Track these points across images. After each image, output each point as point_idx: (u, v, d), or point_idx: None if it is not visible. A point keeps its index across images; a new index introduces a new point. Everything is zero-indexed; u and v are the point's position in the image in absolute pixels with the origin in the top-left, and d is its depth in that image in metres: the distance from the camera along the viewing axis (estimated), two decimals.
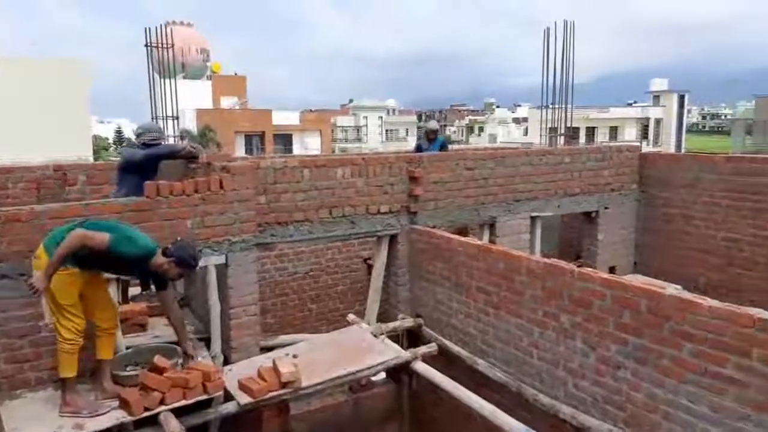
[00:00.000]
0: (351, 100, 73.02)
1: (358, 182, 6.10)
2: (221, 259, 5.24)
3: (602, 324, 4.27)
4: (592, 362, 4.37)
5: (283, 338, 6.29)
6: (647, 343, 3.96)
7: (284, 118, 39.97)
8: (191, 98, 33.91)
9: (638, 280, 6.15)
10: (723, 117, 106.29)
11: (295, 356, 5.26)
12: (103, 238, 4.05)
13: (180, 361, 4.66)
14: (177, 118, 13.42)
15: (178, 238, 4.59)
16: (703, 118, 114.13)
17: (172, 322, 4.77)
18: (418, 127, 71.80)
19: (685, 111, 51.02)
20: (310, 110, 49.37)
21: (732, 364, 3.52)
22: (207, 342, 5.47)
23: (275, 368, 4.82)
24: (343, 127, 62.81)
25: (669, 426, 3.87)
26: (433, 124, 9.97)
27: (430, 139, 9.30)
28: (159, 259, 4.30)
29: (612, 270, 8.02)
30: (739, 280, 7.27)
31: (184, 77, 37.72)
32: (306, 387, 4.87)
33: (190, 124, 33.79)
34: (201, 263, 5.15)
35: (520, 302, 5.01)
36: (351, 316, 6.51)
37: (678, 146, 45.40)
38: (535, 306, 4.85)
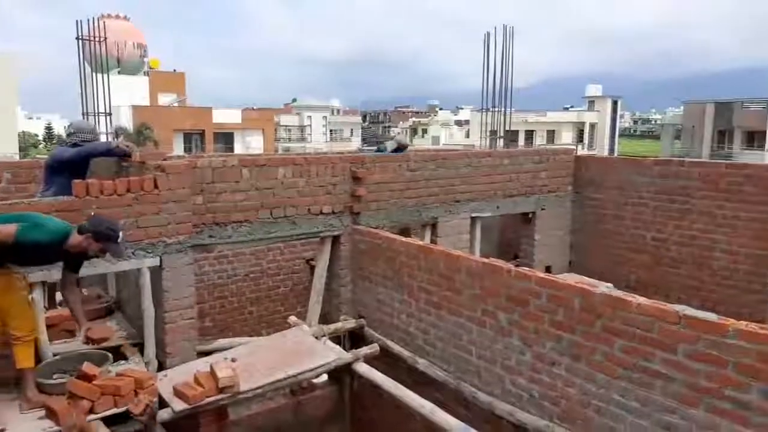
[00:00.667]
0: (295, 99, 72.28)
1: (300, 182, 6.03)
2: (155, 262, 5.06)
3: (538, 322, 4.38)
4: (529, 359, 4.48)
5: (221, 342, 6.13)
6: (580, 340, 4.09)
7: (226, 116, 39.18)
8: (127, 94, 32.73)
9: (572, 278, 6.35)
10: (653, 122, 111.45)
11: (233, 360, 5.14)
12: (8, 230, 3.83)
13: (110, 367, 4.47)
14: (110, 114, 12.89)
15: (92, 213, 4.40)
16: (635, 122, 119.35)
17: (71, 305, 4.54)
18: (363, 128, 71.89)
19: (618, 116, 53.22)
20: (253, 108, 48.53)
21: (659, 359, 3.67)
22: (141, 347, 5.28)
23: (212, 373, 4.69)
24: (286, 126, 62.07)
25: (601, 420, 4.01)
26: (403, 139, 9.56)
27: (396, 150, 8.80)
28: (75, 238, 4.10)
29: (548, 269, 8.26)
30: (666, 278, 7.63)
31: (120, 72, 36.37)
32: (245, 391, 4.77)
33: (126, 121, 32.61)
34: (134, 265, 4.97)
35: (459, 301, 5.08)
36: (292, 318, 6.43)
37: (611, 150, 47.32)
38: (474, 305, 4.93)
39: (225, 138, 38.95)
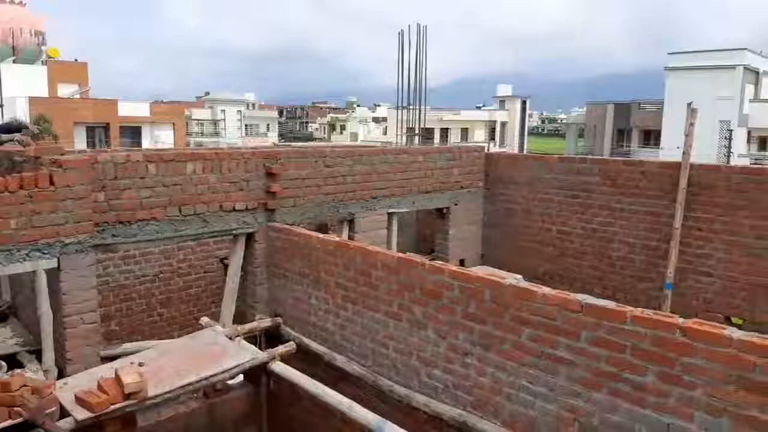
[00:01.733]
0: (208, 93, 69.97)
1: (211, 178, 5.84)
2: (53, 263, 4.73)
3: (451, 314, 4.48)
4: (443, 351, 4.57)
5: (127, 346, 5.83)
6: (491, 330, 4.22)
7: (133, 110, 37.23)
8: (23, 85, 30.41)
9: (484, 271, 6.55)
10: (559, 121, 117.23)
11: (141, 364, 4.90)
12: None
13: (3, 376, 4.13)
14: (2, 106, 11.91)
15: None
16: (543, 122, 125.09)
17: None
18: (280, 123, 70.71)
19: (527, 115, 55.51)
20: (162, 102, 46.49)
21: (564, 345, 3.85)
22: (39, 354, 4.92)
23: (118, 379, 4.45)
24: (199, 120, 60.03)
25: (512, 407, 4.16)
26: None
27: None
28: None
29: (462, 263, 8.49)
30: (571, 268, 8.04)
31: (15, 61, 33.73)
32: (153, 396, 4.56)
33: (23, 113, 30.29)
34: (29, 267, 4.62)
35: (376, 296, 5.11)
36: (204, 319, 6.22)
37: (521, 147, 49.34)
38: (391, 299, 4.97)
39: (132, 132, 37.03)
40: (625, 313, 3.55)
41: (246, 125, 65.36)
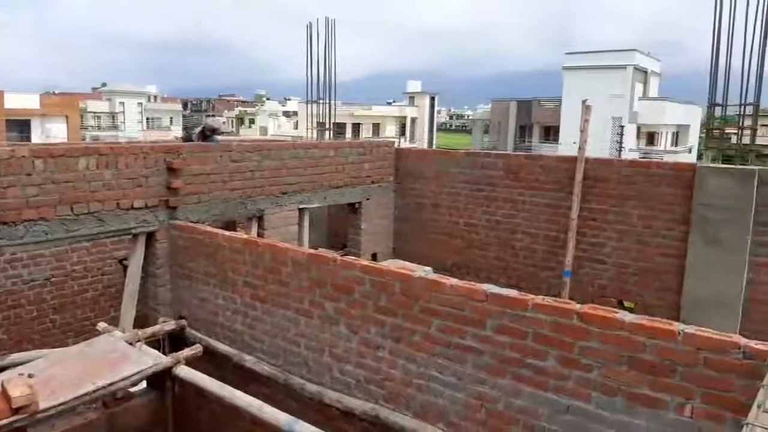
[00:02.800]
0: (105, 84, 65.95)
1: (106, 174, 5.49)
2: None
3: (363, 308, 4.48)
4: (355, 346, 4.57)
5: (16, 356, 5.39)
6: (402, 323, 4.27)
7: (20, 101, 34.42)
8: None
9: (395, 264, 6.62)
10: (466, 117, 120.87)
11: (30, 375, 4.53)
12: None
13: None
14: None
15: None
16: (451, 117, 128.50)
17: None
18: (184, 116, 67.96)
19: (436, 111, 56.80)
20: (54, 93, 43.31)
21: (470, 335, 3.96)
22: None
23: (4, 392, 4.09)
24: (95, 113, 56.46)
25: (422, 397, 4.23)
26: (214, 121, 9.00)
27: (206, 136, 8.34)
28: None
29: (374, 257, 8.54)
30: (477, 259, 8.30)
31: None
32: (46, 409, 4.23)
33: None
34: None
35: (286, 293, 5.02)
36: (101, 325, 5.85)
37: (431, 143, 50.42)
38: (301, 296, 4.90)
39: (20, 126, 34.24)
40: (527, 301, 3.70)
41: (148, 118, 62.25)
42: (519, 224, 7.90)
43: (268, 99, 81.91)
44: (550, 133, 45.39)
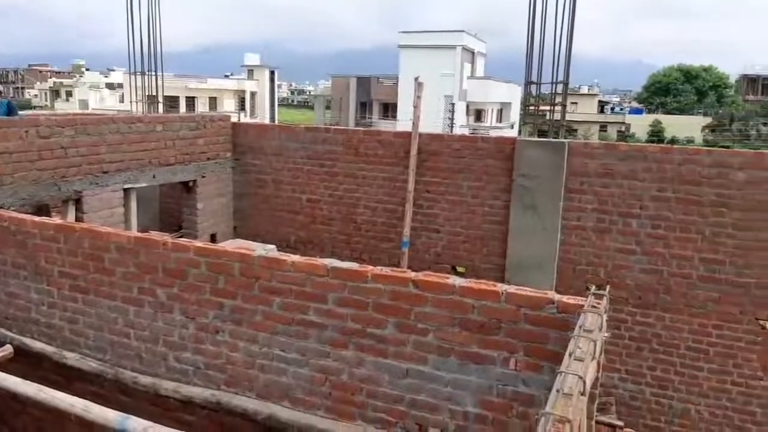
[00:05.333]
0: None
1: None
2: None
3: (199, 292, 4.25)
4: (192, 332, 4.33)
5: None
6: (242, 304, 4.12)
7: None
8: None
9: (235, 244, 6.40)
10: (308, 93, 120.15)
11: None
12: None
13: None
14: None
15: None
16: (292, 93, 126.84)
17: None
18: None
19: (276, 86, 55.66)
20: None
21: (313, 310, 3.94)
22: None
23: None
24: None
25: (266, 377, 4.14)
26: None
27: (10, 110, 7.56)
28: None
29: (213, 237, 8.18)
30: (321, 235, 8.32)
31: None
32: None
33: None
34: None
35: (111, 282, 4.59)
36: None
37: (272, 118, 49.42)
38: (129, 284, 4.52)
39: None
40: (366, 273, 3.76)
41: None
42: (360, 198, 8.04)
43: (87, 70, 74.15)
44: (389, 109, 46.80)
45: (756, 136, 54.25)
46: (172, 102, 41.80)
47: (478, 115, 45.71)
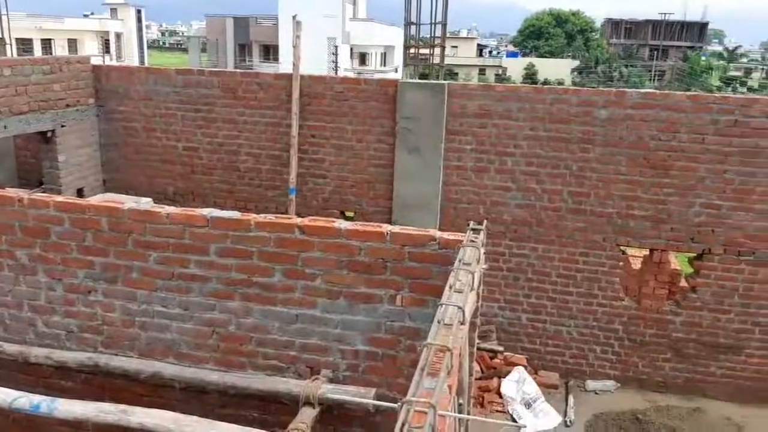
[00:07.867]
0: None
1: None
2: None
3: (65, 251, 3.92)
4: (60, 294, 4.01)
5: None
6: (115, 261, 3.86)
7: None
8: None
9: (107, 199, 5.95)
10: (181, 35, 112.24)
11: None
12: None
13: None
14: None
15: None
16: (163, 34, 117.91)
17: None
18: None
19: (144, 26, 51.39)
20: None
21: (194, 262, 3.78)
22: None
23: None
24: None
25: (147, 335, 3.96)
26: None
27: None
28: None
29: (80, 192, 7.56)
30: (201, 185, 7.95)
31: None
32: None
33: None
34: None
35: None
36: None
37: (141, 61, 45.80)
38: None
39: None
40: (249, 221, 3.64)
41: None
42: (242, 145, 7.73)
43: None
44: (270, 51, 44.99)
45: (618, 77, 58.58)
46: (25, 45, 37.37)
47: (363, 58, 45.29)
